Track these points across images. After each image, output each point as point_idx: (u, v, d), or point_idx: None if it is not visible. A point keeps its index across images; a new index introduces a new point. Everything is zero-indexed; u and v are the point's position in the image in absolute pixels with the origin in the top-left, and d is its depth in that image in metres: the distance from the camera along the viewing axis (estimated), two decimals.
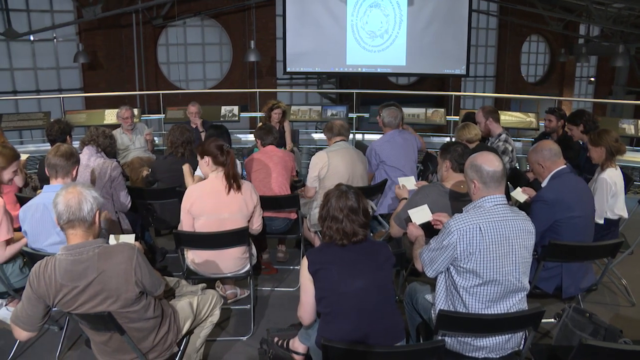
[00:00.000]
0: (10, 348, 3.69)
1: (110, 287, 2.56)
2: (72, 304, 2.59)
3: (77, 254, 2.55)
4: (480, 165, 2.83)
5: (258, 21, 15.44)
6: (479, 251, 2.71)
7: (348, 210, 2.79)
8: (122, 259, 2.58)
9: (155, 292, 2.77)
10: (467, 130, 5.22)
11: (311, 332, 3.10)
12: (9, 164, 3.76)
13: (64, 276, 2.54)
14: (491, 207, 2.80)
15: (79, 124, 9.73)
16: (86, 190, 2.63)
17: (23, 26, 13.47)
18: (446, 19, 13.82)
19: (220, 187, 3.83)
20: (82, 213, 2.58)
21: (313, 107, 10.36)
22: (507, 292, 2.78)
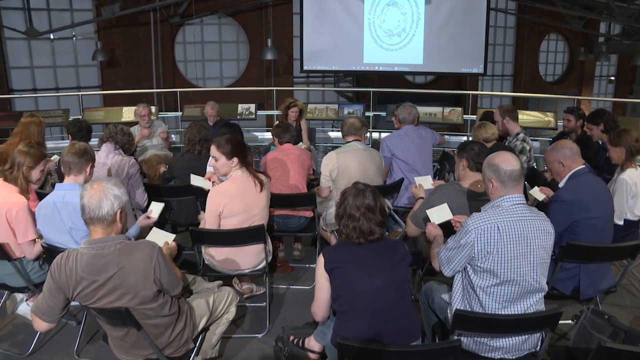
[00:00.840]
0: (30, 342, 3.74)
1: (129, 284, 2.58)
2: (90, 297, 2.61)
3: (98, 248, 2.58)
4: (498, 165, 2.83)
5: (275, 19, 15.46)
6: (497, 251, 2.70)
7: (365, 208, 2.79)
8: (142, 257, 2.59)
9: (173, 291, 2.77)
10: (484, 129, 5.18)
11: (326, 330, 3.10)
12: (37, 163, 3.82)
13: (85, 269, 2.57)
14: (509, 206, 2.78)
15: (97, 121, 9.82)
16: (110, 188, 2.63)
17: (43, 25, 13.65)
18: (464, 17, 13.72)
19: (249, 185, 3.84)
20: (101, 212, 2.59)
21: (330, 106, 10.34)
22: (525, 293, 2.76)
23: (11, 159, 3.78)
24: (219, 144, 3.84)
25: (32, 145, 4.08)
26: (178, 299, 2.91)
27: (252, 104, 10.17)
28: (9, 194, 3.64)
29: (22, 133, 5.43)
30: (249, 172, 3.87)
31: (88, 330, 3.87)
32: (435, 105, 10.24)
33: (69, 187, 3.60)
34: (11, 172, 3.72)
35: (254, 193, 3.84)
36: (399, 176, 5.15)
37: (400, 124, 5.45)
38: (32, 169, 3.79)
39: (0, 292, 4.20)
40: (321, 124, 11.76)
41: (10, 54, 13.85)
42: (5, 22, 13.42)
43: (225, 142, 3.84)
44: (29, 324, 3.93)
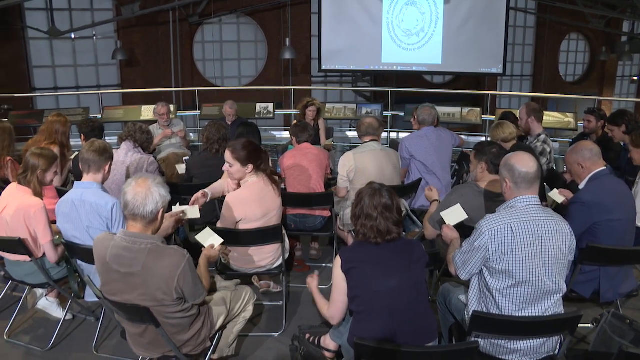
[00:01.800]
0: (50, 336, 3.81)
1: (150, 285, 2.60)
2: (108, 283, 2.67)
3: (131, 242, 2.62)
4: (513, 165, 2.82)
5: (293, 19, 15.48)
6: (511, 251, 2.68)
7: (382, 207, 2.78)
8: (169, 263, 2.61)
9: (194, 300, 2.78)
10: (502, 129, 5.09)
11: (343, 330, 3.10)
12: (50, 165, 3.84)
13: (112, 258, 2.62)
14: (523, 207, 2.77)
15: (117, 119, 9.93)
16: (155, 187, 2.66)
17: (65, 25, 13.83)
18: (483, 17, 13.61)
19: (266, 190, 3.83)
20: (146, 210, 2.63)
21: (348, 105, 10.33)
22: (542, 294, 2.73)
23: (24, 163, 3.81)
24: (234, 150, 3.78)
25: (45, 148, 4.11)
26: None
27: (270, 104, 10.18)
28: (25, 197, 3.67)
29: (47, 131, 5.50)
30: (265, 177, 3.85)
31: (107, 327, 3.92)
32: (453, 105, 10.19)
33: (87, 185, 3.63)
34: (25, 177, 3.75)
35: (271, 198, 3.84)
36: (417, 177, 5.13)
37: (419, 126, 5.40)
38: (45, 171, 3.81)
39: (21, 287, 4.25)
40: (339, 123, 11.75)
41: (33, 54, 14.05)
42: (28, 23, 13.64)
43: (240, 148, 3.78)
44: (48, 319, 3.99)
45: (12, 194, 3.74)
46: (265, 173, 3.86)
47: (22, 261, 3.71)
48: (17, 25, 13.52)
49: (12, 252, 3.71)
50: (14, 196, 3.70)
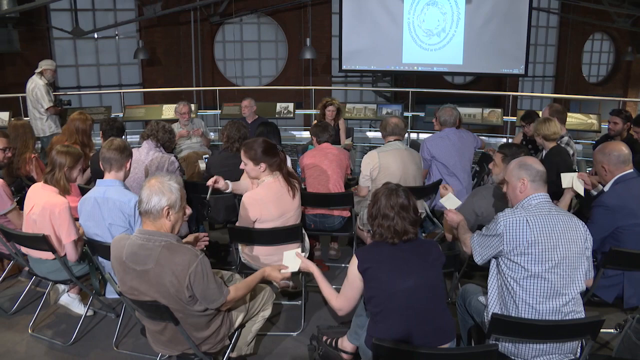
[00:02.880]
0: (72, 331, 3.86)
1: (164, 282, 2.62)
2: (125, 283, 2.71)
3: (146, 239, 2.65)
4: (531, 165, 2.91)
5: (314, 19, 15.48)
6: (527, 243, 2.72)
7: (399, 207, 2.78)
8: (181, 261, 2.61)
9: (209, 304, 2.75)
10: (547, 125, 4.86)
11: (360, 331, 3.09)
12: (76, 163, 3.91)
13: (128, 256, 2.65)
14: (537, 203, 2.84)
15: (138, 118, 10.02)
16: (165, 185, 2.67)
17: (88, 24, 14.02)
18: (505, 17, 13.47)
19: (282, 191, 3.84)
20: (148, 205, 2.65)
21: (368, 105, 10.31)
22: (559, 287, 2.72)
23: (51, 161, 3.86)
24: (247, 149, 3.82)
25: (70, 146, 4.17)
26: None
27: (291, 103, 10.20)
28: (50, 196, 3.73)
29: (68, 130, 5.58)
30: (281, 178, 3.86)
31: (126, 324, 3.97)
32: (474, 106, 10.11)
33: (110, 183, 3.68)
34: (52, 175, 3.81)
35: (288, 199, 3.84)
36: (438, 178, 5.10)
37: (441, 127, 5.37)
38: (72, 168, 3.87)
39: (44, 283, 4.32)
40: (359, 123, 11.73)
41: (57, 53, 14.27)
42: (53, 23, 13.89)
43: (253, 147, 3.81)
44: (70, 315, 4.05)
45: (37, 193, 3.80)
46: (281, 173, 3.86)
47: (45, 259, 3.77)
48: (42, 26, 13.76)
49: (35, 248, 3.77)
50: (40, 195, 3.76)
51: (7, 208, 4.18)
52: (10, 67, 13.53)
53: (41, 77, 7.61)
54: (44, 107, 7.57)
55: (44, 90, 7.52)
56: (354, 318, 3.30)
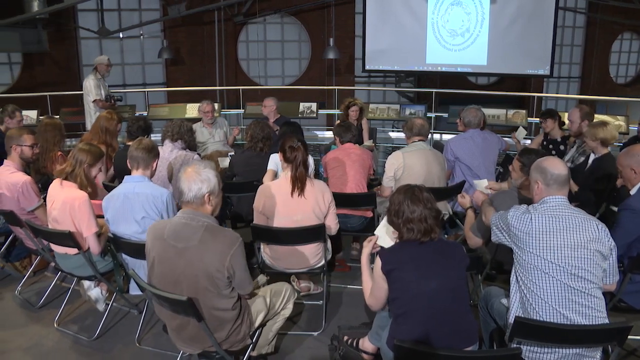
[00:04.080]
0: (96, 327, 3.93)
1: (205, 260, 2.69)
2: (163, 262, 2.76)
3: (189, 219, 2.74)
4: (546, 168, 2.87)
5: (337, 19, 15.47)
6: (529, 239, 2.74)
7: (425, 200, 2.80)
8: (223, 241, 2.72)
9: (241, 289, 2.87)
10: (603, 129, 4.66)
11: (381, 332, 3.08)
12: (96, 161, 3.97)
13: (170, 234, 2.73)
14: (552, 205, 2.82)
15: (162, 117, 10.10)
16: (202, 173, 2.78)
17: (114, 24, 14.21)
18: (530, 17, 13.30)
19: (287, 189, 3.85)
20: (190, 195, 2.75)
21: (391, 106, 10.25)
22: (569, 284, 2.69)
23: (72, 157, 3.94)
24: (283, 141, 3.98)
25: (93, 144, 4.24)
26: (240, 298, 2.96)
27: (314, 103, 10.20)
28: (70, 190, 3.80)
29: (93, 130, 5.68)
30: (289, 177, 3.87)
31: (149, 320, 4.01)
32: (498, 107, 9.99)
33: (139, 179, 3.76)
34: (72, 172, 3.87)
35: (292, 199, 3.84)
36: (461, 179, 5.06)
37: (465, 127, 5.33)
38: (92, 166, 3.94)
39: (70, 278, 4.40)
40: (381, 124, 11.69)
41: (84, 53, 14.49)
42: (80, 23, 14.13)
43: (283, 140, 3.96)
44: (95, 310, 4.11)
45: (57, 189, 3.87)
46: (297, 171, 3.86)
47: (70, 254, 3.84)
48: (70, 26, 14.00)
49: (61, 244, 3.85)
50: (59, 191, 3.83)
51: (34, 205, 4.27)
52: (38, 67, 13.80)
53: (95, 73, 7.79)
54: (90, 100, 7.76)
55: (93, 85, 7.70)
56: (375, 319, 3.29)
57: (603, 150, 4.71)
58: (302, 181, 3.84)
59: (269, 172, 4.76)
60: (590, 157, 4.89)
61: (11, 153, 4.43)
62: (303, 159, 3.87)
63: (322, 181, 4.13)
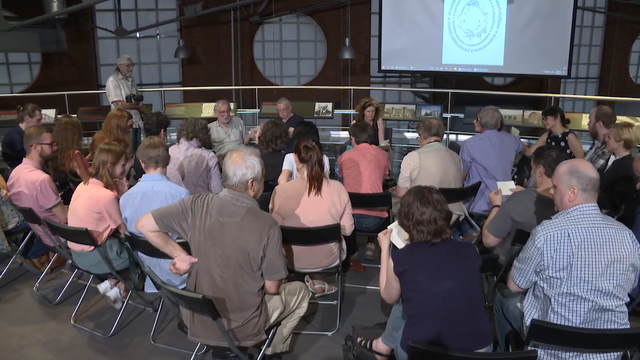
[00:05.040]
0: (112, 324, 3.97)
1: (244, 238, 2.80)
2: (208, 234, 2.85)
3: (235, 198, 2.88)
4: (584, 172, 2.69)
5: (353, 18, 15.45)
6: (567, 259, 2.60)
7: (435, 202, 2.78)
8: (264, 222, 2.86)
9: (271, 274, 2.93)
10: (627, 130, 4.60)
11: (395, 333, 3.08)
12: (118, 159, 4.04)
13: (215, 208, 2.86)
14: (583, 214, 2.66)
15: (178, 116, 10.16)
16: (247, 159, 2.91)
17: (131, 24, 14.33)
18: (548, 17, 13.17)
19: (304, 189, 3.85)
20: (235, 179, 2.88)
21: (407, 106, 10.23)
22: (601, 304, 2.61)
23: (95, 159, 4.03)
24: (297, 142, 3.98)
25: (113, 143, 4.30)
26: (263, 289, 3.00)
27: (329, 103, 10.20)
28: (97, 189, 3.91)
29: (104, 128, 5.72)
30: (305, 177, 3.87)
31: (164, 318, 4.05)
32: (514, 107, 9.92)
33: (157, 177, 3.82)
34: (97, 174, 3.96)
35: (307, 199, 3.84)
36: (477, 181, 5.03)
37: (482, 128, 5.29)
38: (114, 164, 4.02)
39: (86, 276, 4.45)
40: (397, 124, 11.65)
41: (101, 52, 14.64)
42: (98, 23, 14.28)
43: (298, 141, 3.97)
44: (111, 307, 4.15)
45: (84, 187, 3.98)
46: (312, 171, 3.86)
47: (87, 251, 3.89)
48: (87, 26, 14.16)
49: (77, 241, 3.90)
50: (85, 188, 3.95)
51: (52, 202, 4.32)
52: (57, 67, 13.99)
53: (117, 73, 7.85)
54: (110, 101, 7.83)
55: (112, 86, 7.75)
56: (389, 320, 3.29)
57: (624, 152, 4.65)
58: (319, 180, 3.84)
59: (284, 172, 4.76)
60: (611, 159, 4.83)
61: (31, 152, 4.49)
62: (318, 158, 3.87)
63: (338, 181, 4.13)
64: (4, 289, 4.63)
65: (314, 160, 3.84)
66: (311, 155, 3.84)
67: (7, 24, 11.10)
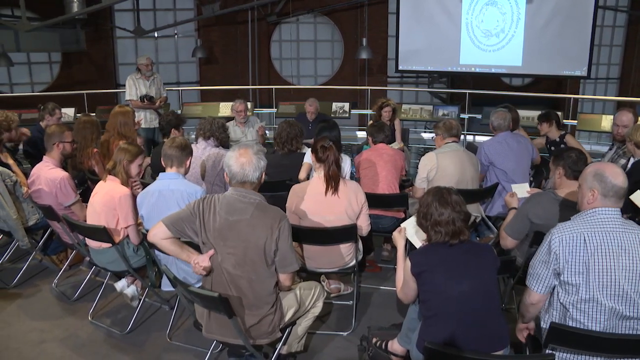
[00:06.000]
0: (128, 321, 4.01)
1: (256, 233, 2.81)
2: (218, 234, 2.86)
3: (242, 196, 2.89)
4: (608, 177, 2.61)
5: (370, 19, 15.40)
6: (583, 263, 2.54)
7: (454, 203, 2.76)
8: (272, 216, 2.88)
9: (283, 267, 2.94)
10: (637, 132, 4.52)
11: (411, 334, 3.06)
12: (134, 157, 4.08)
13: (223, 207, 2.88)
14: (602, 218, 2.60)
15: (195, 115, 10.23)
16: (256, 156, 2.93)
17: (149, 24, 14.44)
18: (568, 16, 13.01)
19: (321, 189, 3.85)
20: (255, 175, 2.92)
21: (424, 107, 10.19)
22: (621, 311, 2.55)
23: (113, 157, 4.09)
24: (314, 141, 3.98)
25: (131, 143, 4.36)
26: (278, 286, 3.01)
27: (346, 103, 10.21)
28: (114, 185, 3.97)
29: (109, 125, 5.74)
30: (322, 176, 3.87)
31: (180, 316, 4.08)
32: (532, 108, 9.82)
33: (173, 176, 3.84)
34: (114, 170, 4.03)
35: (324, 199, 3.83)
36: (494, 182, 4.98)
37: (495, 131, 5.24)
38: (130, 162, 4.07)
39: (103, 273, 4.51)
40: (413, 124, 11.60)
41: (120, 52, 14.78)
42: (117, 23, 14.43)
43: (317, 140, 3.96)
44: (127, 304, 4.20)
45: (102, 184, 4.05)
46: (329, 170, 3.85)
47: (105, 248, 3.93)
48: (106, 26, 14.31)
49: (95, 239, 3.95)
50: (103, 184, 4.02)
51: (71, 200, 4.37)
52: (76, 66, 14.16)
53: (137, 72, 7.96)
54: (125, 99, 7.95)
55: (128, 84, 7.87)
56: (404, 321, 3.28)
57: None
58: (336, 180, 3.84)
59: (305, 165, 4.76)
60: (631, 160, 4.77)
61: (52, 150, 4.54)
62: (335, 158, 3.87)
63: (356, 182, 4.12)
64: (25, 284, 4.70)
65: (331, 159, 3.84)
66: (328, 155, 3.84)
67: (29, 25, 11.25)
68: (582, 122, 9.61)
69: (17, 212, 4.59)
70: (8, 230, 4.65)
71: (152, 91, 7.87)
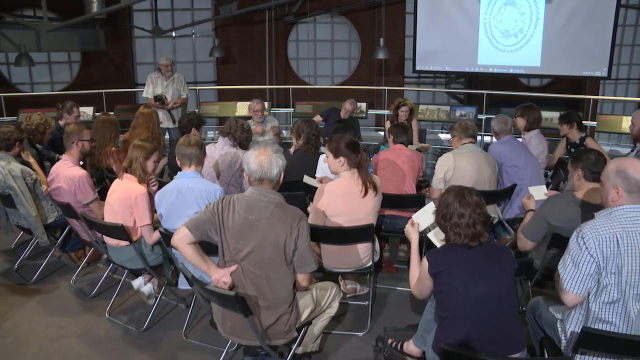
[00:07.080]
0: (145, 319, 4.04)
1: (276, 232, 2.82)
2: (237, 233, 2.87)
3: (262, 195, 2.91)
4: (630, 173, 2.57)
5: (388, 19, 15.36)
6: (614, 265, 2.50)
7: (474, 205, 2.73)
8: (292, 215, 2.89)
9: (302, 267, 2.95)
10: None
11: (427, 335, 3.05)
12: (150, 154, 4.11)
13: (243, 207, 2.89)
14: (632, 217, 2.55)
15: (213, 114, 10.29)
16: (275, 154, 2.95)
17: (167, 24, 14.56)
18: (589, 16, 12.82)
19: (355, 189, 3.82)
20: (273, 173, 2.92)
21: (442, 107, 10.14)
22: None
23: (129, 155, 4.12)
24: (330, 142, 3.94)
25: (147, 140, 4.39)
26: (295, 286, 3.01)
27: (363, 103, 10.19)
28: (131, 183, 4.00)
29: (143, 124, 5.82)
30: (358, 175, 3.86)
31: (196, 315, 4.09)
32: (551, 109, 9.72)
33: (192, 175, 3.86)
34: (130, 167, 4.05)
35: (358, 198, 3.82)
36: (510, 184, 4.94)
37: (497, 136, 5.22)
38: (146, 159, 4.10)
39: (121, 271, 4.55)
40: (430, 125, 11.54)
41: (138, 51, 14.92)
42: (135, 23, 14.55)
43: (335, 140, 3.91)
44: (144, 302, 4.23)
45: (118, 182, 4.08)
46: (360, 171, 3.85)
47: (122, 246, 3.97)
48: (125, 26, 14.45)
49: (113, 236, 3.98)
50: (120, 182, 4.05)
51: (89, 198, 4.42)
52: (95, 65, 14.32)
53: (158, 71, 8.09)
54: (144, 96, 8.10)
55: (146, 82, 8.04)
56: (420, 322, 3.26)
57: None
58: (372, 182, 3.87)
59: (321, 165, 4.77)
60: None
61: (72, 148, 4.60)
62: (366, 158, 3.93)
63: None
64: (44, 280, 4.77)
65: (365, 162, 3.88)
66: (361, 157, 3.86)
67: (50, 25, 11.40)
68: (602, 124, 9.48)
69: (37, 209, 4.64)
70: (28, 228, 4.72)
71: (169, 91, 7.94)
